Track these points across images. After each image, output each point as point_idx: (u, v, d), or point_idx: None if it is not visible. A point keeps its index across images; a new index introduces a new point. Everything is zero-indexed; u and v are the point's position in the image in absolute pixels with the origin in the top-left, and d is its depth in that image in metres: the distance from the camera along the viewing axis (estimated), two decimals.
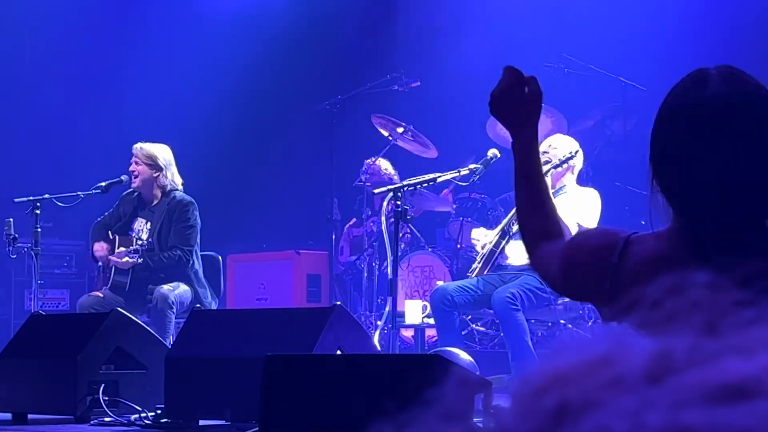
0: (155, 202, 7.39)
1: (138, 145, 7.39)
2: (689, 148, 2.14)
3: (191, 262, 7.22)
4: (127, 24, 10.51)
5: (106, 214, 7.56)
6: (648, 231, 2.29)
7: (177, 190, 7.41)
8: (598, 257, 2.23)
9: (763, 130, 2.13)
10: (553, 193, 6.82)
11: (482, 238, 7.02)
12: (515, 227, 6.76)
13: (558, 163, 6.68)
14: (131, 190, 7.49)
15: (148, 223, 7.36)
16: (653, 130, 2.20)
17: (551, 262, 2.42)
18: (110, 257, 7.19)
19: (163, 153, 7.39)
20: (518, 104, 2.60)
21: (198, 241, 7.33)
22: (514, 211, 6.75)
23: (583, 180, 7.20)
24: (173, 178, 7.41)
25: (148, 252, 7.08)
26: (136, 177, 7.35)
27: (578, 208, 6.73)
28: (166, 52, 10.28)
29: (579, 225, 6.70)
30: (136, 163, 7.35)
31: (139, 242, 7.05)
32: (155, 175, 7.34)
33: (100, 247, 7.36)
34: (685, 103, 2.18)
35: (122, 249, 7.11)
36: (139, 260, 6.98)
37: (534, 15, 9.10)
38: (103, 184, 7.59)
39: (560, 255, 2.41)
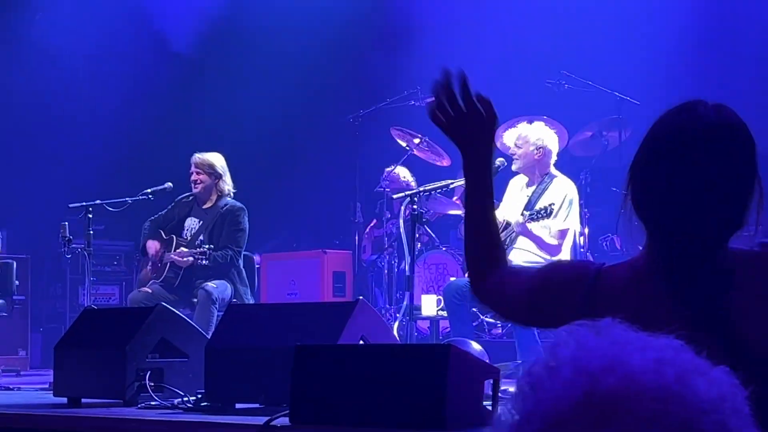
0: (209, 204, 7.45)
1: (197, 156, 7.44)
2: (671, 175, 2.08)
3: (239, 263, 7.27)
4: (171, 47, 10.55)
5: (161, 214, 7.62)
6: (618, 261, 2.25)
7: (229, 195, 7.47)
8: (569, 287, 2.15)
9: (742, 158, 2.10)
10: (542, 179, 6.80)
11: None
12: (508, 237, 6.73)
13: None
14: (187, 194, 7.55)
15: (200, 222, 7.41)
16: (637, 153, 2.15)
17: (510, 293, 2.33)
18: (171, 254, 7.24)
19: (220, 161, 7.48)
20: (466, 121, 2.44)
21: (245, 244, 7.37)
22: (508, 226, 6.73)
23: (581, 186, 7.16)
24: (228, 182, 7.48)
25: (208, 248, 7.14)
26: (198, 185, 7.40)
27: (567, 204, 6.67)
28: (204, 72, 10.30)
29: (563, 232, 6.65)
30: (198, 173, 7.41)
31: (206, 246, 7.10)
32: (216, 181, 7.40)
33: (152, 245, 7.41)
34: (667, 130, 2.13)
35: (184, 249, 7.15)
36: (205, 262, 7.01)
37: (537, 34, 9.09)
38: (149, 190, 7.64)
39: (525, 286, 2.30)
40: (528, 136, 6.80)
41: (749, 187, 2.09)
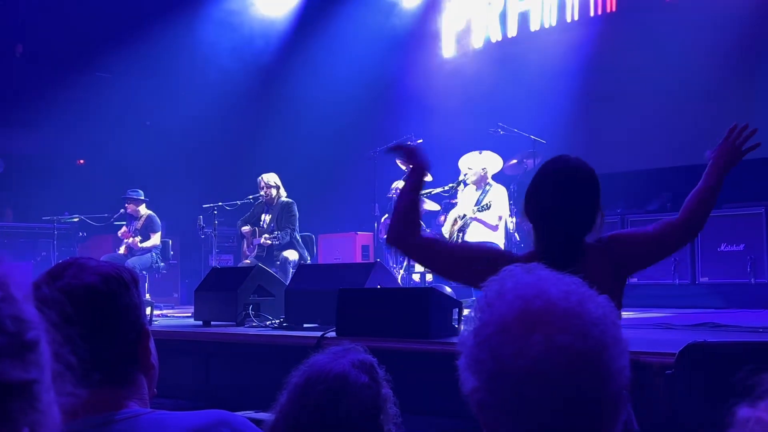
0: (274, 203, 7.46)
1: (264, 177, 7.48)
2: (549, 196, 2.13)
3: (295, 235, 7.29)
4: (259, 104, 10.56)
5: (247, 214, 7.64)
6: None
7: (284, 196, 7.51)
8: (494, 259, 2.09)
9: (588, 189, 2.14)
10: (483, 187, 6.77)
11: (446, 231, 6.97)
12: (464, 224, 6.70)
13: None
14: (260, 201, 7.57)
15: (269, 216, 7.45)
16: (530, 184, 2.20)
17: (438, 250, 2.22)
18: (259, 239, 7.28)
19: (276, 178, 7.51)
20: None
21: (297, 223, 7.39)
22: (464, 217, 6.70)
23: (510, 192, 7.12)
24: (282, 189, 7.52)
25: (277, 233, 7.17)
26: (268, 195, 7.42)
27: (499, 200, 6.66)
28: (283, 121, 10.30)
29: (500, 217, 6.63)
30: (267, 187, 7.42)
31: (276, 233, 7.16)
32: (276, 190, 7.44)
33: (247, 232, 7.46)
34: (548, 170, 2.18)
35: (267, 235, 7.18)
36: (276, 242, 7.07)
37: (481, 100, 9.05)
38: (251, 196, 7.65)
39: (455, 250, 2.28)
40: (477, 161, 6.84)
41: (594, 206, 2.14)
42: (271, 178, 7.47)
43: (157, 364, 1.29)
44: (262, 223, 7.46)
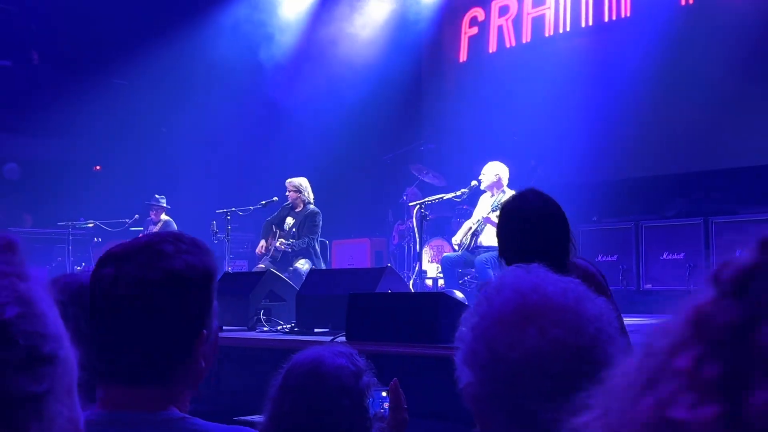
0: (299, 209, 7.48)
1: (289, 180, 7.51)
2: (510, 232, 2.24)
3: (314, 245, 7.29)
4: (277, 111, 10.60)
5: (273, 215, 7.65)
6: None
7: (311, 203, 7.50)
8: None
9: (557, 221, 2.26)
10: (497, 194, 6.72)
11: (456, 240, 6.95)
12: (478, 227, 6.68)
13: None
14: (286, 203, 7.57)
15: (294, 220, 7.45)
16: (498, 224, 2.33)
17: None
18: (275, 243, 7.28)
19: (302, 182, 7.52)
20: None
21: (319, 233, 7.38)
22: (477, 223, 6.67)
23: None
24: (309, 195, 7.51)
25: (292, 241, 7.18)
26: (291, 198, 7.45)
27: None
28: (296, 126, 10.34)
29: None
30: (289, 191, 7.47)
31: (291, 239, 7.16)
32: (300, 195, 7.45)
33: (259, 247, 7.47)
34: (513, 210, 2.29)
35: (282, 240, 7.20)
36: (290, 249, 7.08)
37: (495, 105, 9.04)
38: (263, 202, 7.65)
39: None
40: (491, 169, 6.81)
41: (564, 236, 2.25)
42: (298, 182, 7.50)
43: (209, 368, 1.27)
44: (285, 226, 7.50)
